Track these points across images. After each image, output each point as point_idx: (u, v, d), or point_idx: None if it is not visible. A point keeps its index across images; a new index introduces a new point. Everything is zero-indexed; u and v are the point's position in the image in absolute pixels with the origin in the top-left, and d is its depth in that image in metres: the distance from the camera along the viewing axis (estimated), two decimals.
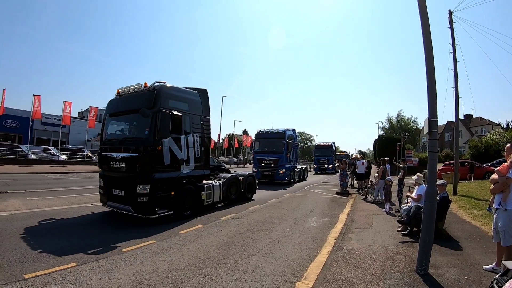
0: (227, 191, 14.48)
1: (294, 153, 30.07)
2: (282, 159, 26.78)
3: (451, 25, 18.12)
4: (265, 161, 27.31)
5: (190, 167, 11.65)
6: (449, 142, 66.47)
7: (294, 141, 31.27)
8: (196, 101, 12.40)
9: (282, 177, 26.59)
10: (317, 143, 49.67)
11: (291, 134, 29.72)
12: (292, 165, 29.03)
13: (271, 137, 28.17)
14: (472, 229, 9.74)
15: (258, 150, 29.29)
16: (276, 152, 27.56)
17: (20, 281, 5.25)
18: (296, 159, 32.60)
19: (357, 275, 5.86)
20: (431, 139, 6.16)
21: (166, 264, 6.41)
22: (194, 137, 11.85)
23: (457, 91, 17.92)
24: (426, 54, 6.19)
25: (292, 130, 31.29)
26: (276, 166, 27.10)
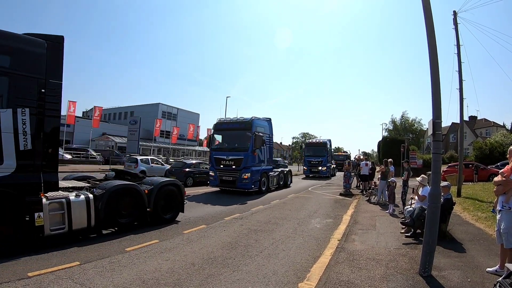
0: (109, 211, 8.59)
1: (267, 150, 21.81)
2: (247, 158, 19.29)
3: (456, 26, 18.09)
4: (224, 161, 19.95)
5: (7, 168, 6.75)
6: (454, 143, 66.31)
7: (268, 134, 22.02)
8: (32, 53, 7.41)
9: (247, 185, 19.34)
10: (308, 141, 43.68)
11: (262, 124, 21.42)
12: (263, 168, 21.22)
13: (233, 128, 20.87)
14: (476, 231, 9.71)
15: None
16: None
17: (24, 279, 5.28)
18: (270, 159, 22.86)
19: (360, 277, 5.85)
20: (435, 140, 6.14)
21: (169, 263, 6.43)
22: (18, 114, 6.87)
23: (461, 92, 17.88)
24: (431, 55, 6.18)
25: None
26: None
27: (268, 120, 30.84)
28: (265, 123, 21.82)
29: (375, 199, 16.00)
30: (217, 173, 22.56)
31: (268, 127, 22.13)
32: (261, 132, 20.23)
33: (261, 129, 20.52)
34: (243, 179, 23.42)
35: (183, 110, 79.83)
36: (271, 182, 22.09)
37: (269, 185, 21.72)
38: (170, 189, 10.77)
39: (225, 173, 23.38)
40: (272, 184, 22.18)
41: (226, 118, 30.26)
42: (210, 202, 15.39)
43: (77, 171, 26.74)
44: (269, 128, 22.22)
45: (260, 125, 20.70)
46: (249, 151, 24.35)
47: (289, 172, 26.91)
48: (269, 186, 21.84)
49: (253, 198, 19.42)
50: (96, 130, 50.67)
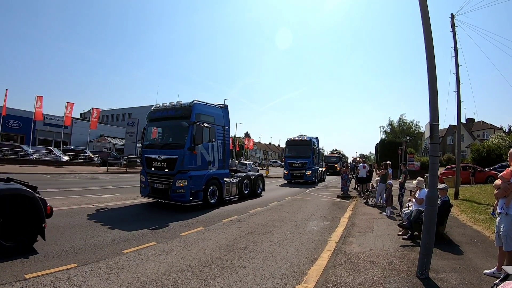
0: None
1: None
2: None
3: (453, 29, 18.15)
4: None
5: None
6: (451, 146, 66.51)
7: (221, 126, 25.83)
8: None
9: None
10: (288, 139, 33.96)
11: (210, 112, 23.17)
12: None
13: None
14: (473, 233, 9.73)
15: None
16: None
17: (21, 281, 5.26)
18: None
19: (358, 279, 5.86)
20: (433, 143, 6.16)
21: (166, 266, 6.42)
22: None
23: (459, 95, 17.94)
24: (428, 57, 6.20)
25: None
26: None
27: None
28: (216, 111, 15.94)
29: (373, 202, 16.02)
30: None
31: (223, 116, 16.19)
32: (209, 122, 14.57)
33: (209, 118, 14.89)
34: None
35: None
36: (227, 191, 16.04)
37: (224, 195, 15.70)
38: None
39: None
40: (229, 193, 16.27)
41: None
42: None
43: (74, 173, 26.65)
44: (223, 118, 16.18)
45: (206, 112, 15.04)
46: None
47: (258, 178, 20.16)
48: (224, 197, 15.91)
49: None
50: (93, 132, 50.63)
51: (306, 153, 31.81)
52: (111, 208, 12.83)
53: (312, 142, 32.65)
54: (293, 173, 31.81)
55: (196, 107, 14.24)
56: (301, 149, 32.35)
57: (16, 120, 45.44)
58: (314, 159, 32.53)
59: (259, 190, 19.96)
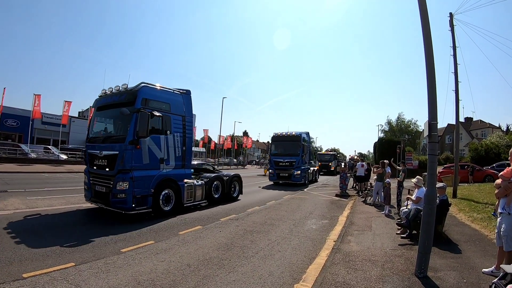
0: None
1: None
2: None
3: (452, 28, 18.15)
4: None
5: None
6: (449, 145, 66.66)
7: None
8: None
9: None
10: (275, 134, 29.77)
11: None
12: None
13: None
14: (471, 232, 9.73)
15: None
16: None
17: (19, 280, 5.26)
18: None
19: (356, 278, 5.85)
20: (431, 141, 6.15)
21: (164, 265, 6.41)
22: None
23: (457, 94, 17.94)
24: (427, 56, 6.18)
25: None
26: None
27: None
28: (173, 97, 12.95)
29: (371, 200, 16.03)
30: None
31: (183, 103, 13.25)
32: (162, 110, 11.89)
33: (162, 105, 12.12)
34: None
35: None
36: (189, 195, 13.31)
37: (185, 201, 13.02)
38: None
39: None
40: (192, 198, 13.51)
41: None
42: None
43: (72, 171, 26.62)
44: (184, 105, 13.27)
45: (158, 98, 12.14)
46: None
47: (234, 180, 17.21)
48: (185, 203, 13.46)
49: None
50: None
51: (294, 150, 27.36)
52: None
53: (302, 137, 28.24)
54: (279, 173, 27.51)
55: (144, 90, 11.39)
56: (289, 145, 27.92)
57: (14, 119, 45.31)
58: (304, 157, 28.01)
59: (235, 194, 17.07)
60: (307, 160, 29.90)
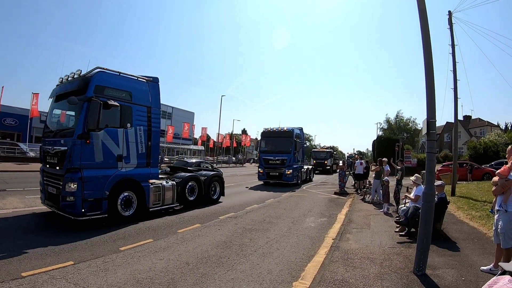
0: None
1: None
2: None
3: (451, 26, 18.14)
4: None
5: None
6: (448, 143, 66.58)
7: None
8: None
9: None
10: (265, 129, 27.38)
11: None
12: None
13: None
14: (470, 230, 9.75)
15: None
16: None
17: (18, 279, 5.26)
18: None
19: (355, 276, 5.86)
20: (429, 140, 6.16)
21: (163, 263, 6.42)
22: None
23: (456, 92, 17.94)
24: (425, 55, 6.19)
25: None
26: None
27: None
28: (136, 84, 11.23)
29: (370, 198, 16.04)
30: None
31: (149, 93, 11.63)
32: (121, 99, 10.35)
33: (121, 94, 10.54)
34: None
35: (178, 109, 79.76)
36: (156, 198, 11.66)
37: (150, 204, 11.42)
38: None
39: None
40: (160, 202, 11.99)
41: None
42: None
43: None
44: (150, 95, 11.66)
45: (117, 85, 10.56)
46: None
47: (214, 180, 15.32)
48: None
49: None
50: None
51: (286, 148, 25.01)
52: None
53: (294, 133, 25.64)
54: (269, 172, 25.18)
55: (99, 77, 9.90)
56: (280, 142, 25.53)
57: (13, 118, 45.29)
58: (296, 154, 25.56)
59: (215, 195, 15.25)
60: (300, 158, 27.49)
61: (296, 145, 25.32)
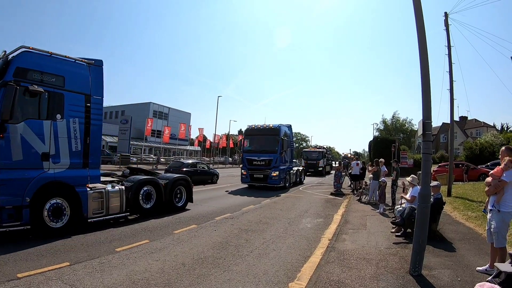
0: None
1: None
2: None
3: (447, 27, 18.20)
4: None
5: None
6: (444, 143, 66.69)
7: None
8: None
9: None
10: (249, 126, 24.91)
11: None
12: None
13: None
14: (466, 230, 9.77)
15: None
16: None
17: (13, 280, 5.25)
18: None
19: (351, 276, 5.87)
20: (425, 140, 6.18)
21: (159, 264, 6.41)
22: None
23: (452, 93, 17.99)
24: (421, 56, 6.20)
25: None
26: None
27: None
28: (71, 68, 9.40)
29: (366, 199, 16.06)
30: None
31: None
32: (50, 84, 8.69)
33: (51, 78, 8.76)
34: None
35: (174, 109, 79.88)
36: (99, 206, 9.65)
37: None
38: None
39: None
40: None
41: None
42: (199, 202, 15.07)
43: None
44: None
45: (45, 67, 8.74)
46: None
47: (178, 184, 13.05)
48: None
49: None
50: None
51: (271, 146, 22.47)
52: None
53: (281, 130, 23.04)
54: (253, 174, 22.75)
55: (23, 57, 8.24)
56: (265, 140, 23.03)
57: None
58: (284, 154, 22.91)
59: (180, 202, 13.07)
60: (289, 159, 24.68)
61: (283, 144, 22.56)
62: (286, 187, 23.28)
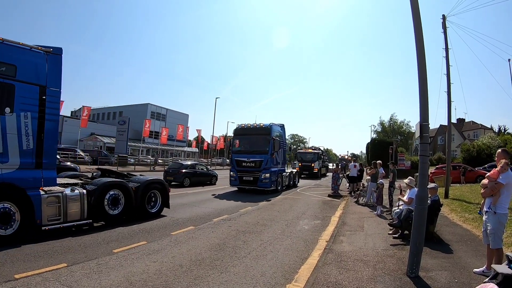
0: None
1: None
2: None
3: (445, 30, 18.29)
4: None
5: None
6: (442, 145, 66.79)
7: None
8: None
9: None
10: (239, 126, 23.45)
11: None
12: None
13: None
14: (463, 232, 9.80)
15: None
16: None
17: (11, 281, 5.24)
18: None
19: (348, 278, 5.87)
20: (422, 143, 6.19)
21: (157, 265, 6.39)
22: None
23: (449, 95, 18.07)
24: (419, 58, 6.22)
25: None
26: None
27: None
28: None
29: (364, 201, 16.08)
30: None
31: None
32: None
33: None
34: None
35: (172, 110, 79.90)
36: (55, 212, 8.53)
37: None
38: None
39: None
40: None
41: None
42: (198, 204, 15.06)
43: None
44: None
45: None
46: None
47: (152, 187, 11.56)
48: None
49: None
50: (84, 130, 50.49)
51: (262, 147, 21.12)
52: None
53: (273, 130, 21.60)
54: (242, 176, 21.27)
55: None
56: (256, 140, 21.72)
57: None
58: (275, 155, 21.55)
59: (154, 208, 11.63)
60: (281, 160, 23.22)
61: (275, 144, 21.04)
62: (278, 190, 22.07)
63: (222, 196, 18.95)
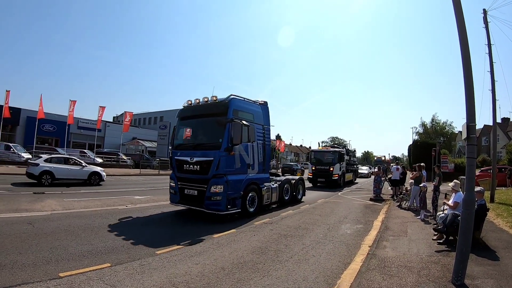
0: None
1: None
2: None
3: (486, 24, 17.71)
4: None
5: None
6: (486, 146, 64.79)
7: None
8: None
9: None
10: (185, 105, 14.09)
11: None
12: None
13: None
14: (510, 238, 9.46)
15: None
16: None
17: (55, 279, 5.42)
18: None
19: (392, 284, 5.76)
20: (469, 144, 5.99)
21: (199, 267, 6.46)
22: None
23: (494, 93, 17.49)
24: (463, 55, 6.01)
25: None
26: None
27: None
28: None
29: (406, 205, 15.76)
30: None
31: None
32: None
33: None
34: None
35: None
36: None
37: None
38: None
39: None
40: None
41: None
42: None
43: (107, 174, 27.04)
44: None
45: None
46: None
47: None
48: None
49: None
50: (126, 135, 51.38)
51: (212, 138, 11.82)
52: (143, 209, 13.01)
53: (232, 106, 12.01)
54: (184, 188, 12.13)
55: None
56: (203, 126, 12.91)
57: (51, 124, 46.38)
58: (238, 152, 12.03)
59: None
60: (255, 161, 13.39)
61: (235, 131, 11.64)
62: (252, 214, 12.88)
63: None
